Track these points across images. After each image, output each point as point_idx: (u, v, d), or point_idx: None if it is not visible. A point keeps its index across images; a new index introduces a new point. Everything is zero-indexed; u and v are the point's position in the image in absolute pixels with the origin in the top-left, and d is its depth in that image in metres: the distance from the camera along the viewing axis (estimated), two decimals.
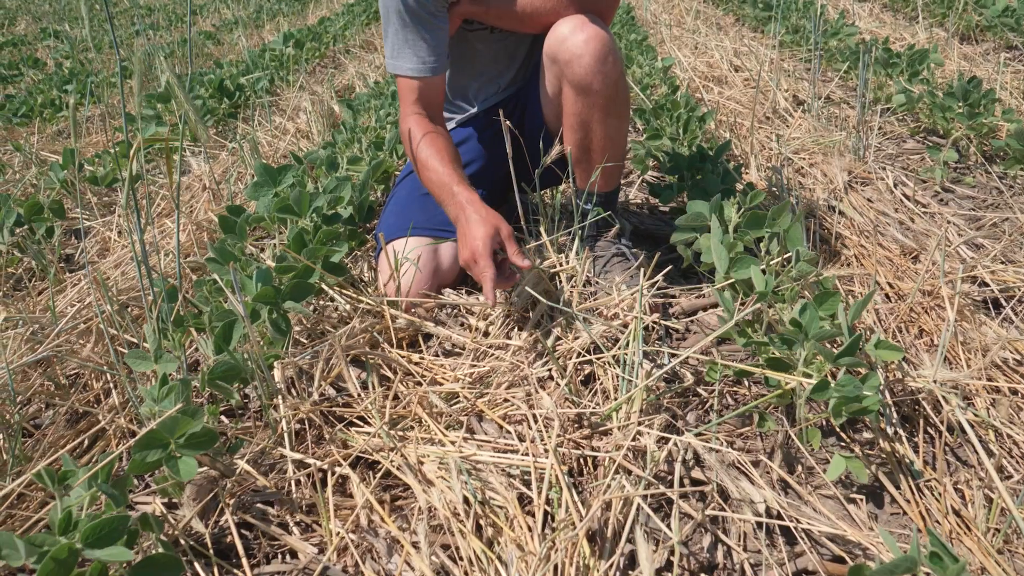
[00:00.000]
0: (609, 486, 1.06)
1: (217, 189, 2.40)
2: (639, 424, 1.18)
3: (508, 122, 1.51)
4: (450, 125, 1.88)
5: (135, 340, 1.53)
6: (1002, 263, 1.75)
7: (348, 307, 1.58)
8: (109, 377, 1.46)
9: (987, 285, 1.68)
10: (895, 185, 2.29)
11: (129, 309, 1.71)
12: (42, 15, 8.94)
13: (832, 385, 1.07)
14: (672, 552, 1.00)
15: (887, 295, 1.69)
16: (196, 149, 2.83)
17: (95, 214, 2.43)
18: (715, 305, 1.68)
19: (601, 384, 1.35)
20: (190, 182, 2.59)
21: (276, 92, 3.93)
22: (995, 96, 2.44)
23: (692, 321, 1.65)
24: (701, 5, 5.76)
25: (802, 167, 2.44)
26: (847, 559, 1.02)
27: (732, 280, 1.40)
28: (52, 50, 6.01)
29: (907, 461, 1.17)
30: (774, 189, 2.16)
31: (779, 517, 1.07)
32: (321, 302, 1.63)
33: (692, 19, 4.89)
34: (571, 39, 1.50)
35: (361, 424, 1.32)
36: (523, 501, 1.11)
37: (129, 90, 3.95)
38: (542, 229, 1.70)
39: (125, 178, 2.55)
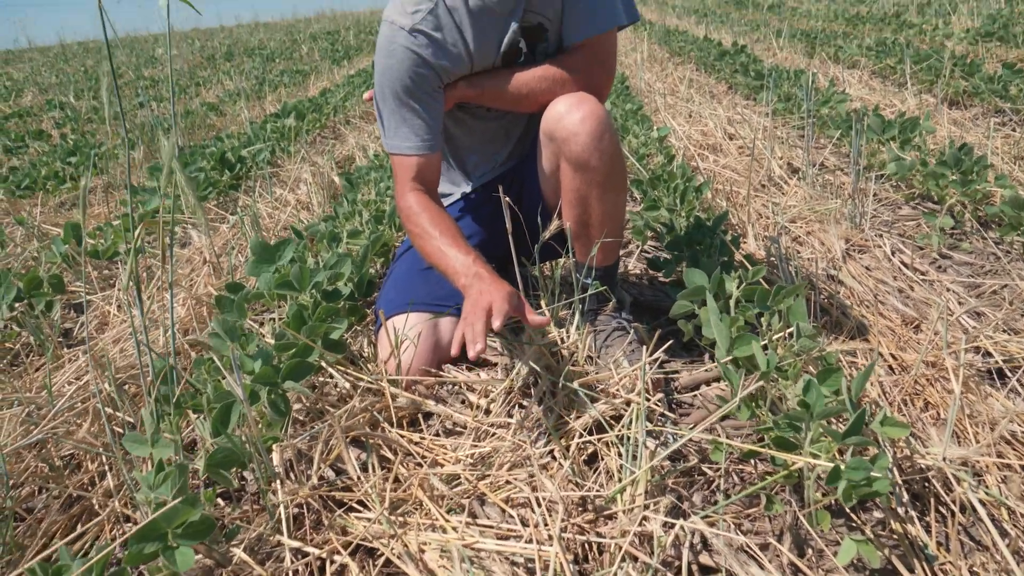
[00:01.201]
0: (616, 575, 1.03)
1: (217, 263, 2.40)
2: (644, 507, 1.16)
3: (507, 198, 1.53)
4: (447, 201, 1.89)
5: (132, 420, 1.52)
6: (1005, 332, 1.75)
7: (348, 385, 1.57)
8: (105, 459, 1.44)
9: (991, 355, 1.66)
10: (893, 252, 2.30)
11: (127, 387, 1.70)
12: (48, 87, 9.11)
13: (842, 470, 1.05)
14: None
15: (891, 367, 1.68)
16: (197, 222, 2.85)
17: (95, 287, 2.43)
18: (718, 379, 1.67)
19: (605, 464, 1.33)
20: (190, 255, 2.60)
21: (277, 163, 3.98)
22: (987, 162, 2.47)
23: (695, 395, 1.64)
24: (694, 74, 5.89)
25: (799, 235, 2.46)
26: None
27: (734, 356, 1.39)
28: (56, 121, 6.11)
29: (920, 543, 1.14)
30: (772, 259, 2.17)
31: None
32: (320, 379, 1.62)
33: (686, 88, 4.99)
34: (567, 117, 1.52)
35: (361, 509, 1.29)
36: None
37: (132, 162, 3.99)
38: (542, 303, 1.70)
39: (125, 252, 2.56)
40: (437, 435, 1.50)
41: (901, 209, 2.70)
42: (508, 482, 1.30)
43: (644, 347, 1.49)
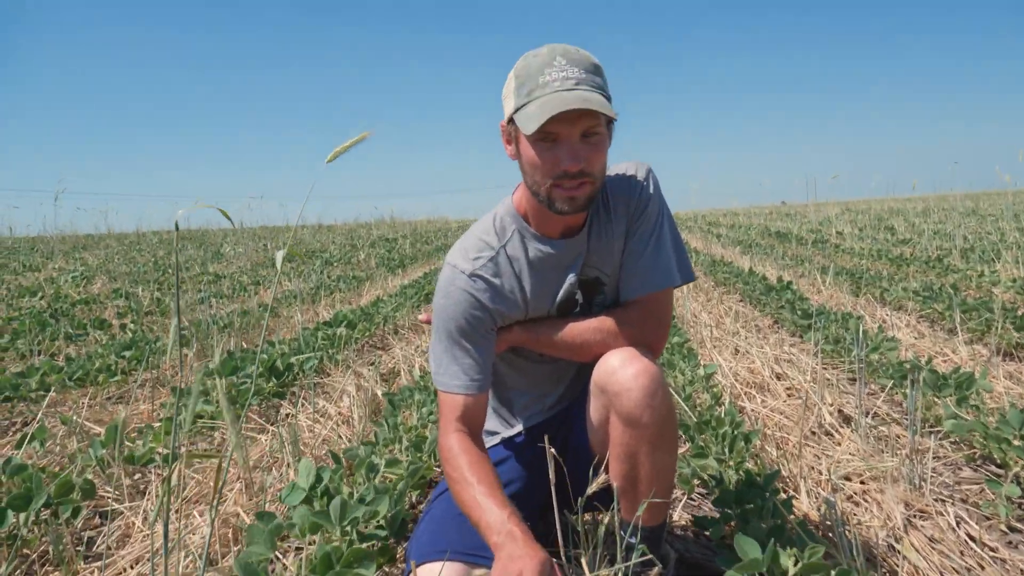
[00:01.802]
0: None
1: (250, 479, 2.36)
2: None
3: (552, 449, 1.48)
4: (492, 441, 1.86)
5: None
6: None
7: None
8: None
9: None
10: (957, 523, 2.16)
11: None
12: (119, 276, 9.58)
13: None
14: None
15: None
16: (235, 449, 2.83)
17: (124, 495, 2.39)
18: None
19: None
20: (225, 467, 2.56)
21: (324, 371, 4.03)
22: None
23: None
24: (740, 306, 5.96)
25: (854, 494, 2.34)
26: None
27: None
28: (119, 311, 6.35)
29: None
30: (827, 522, 2.05)
31: None
32: None
33: (732, 320, 5.03)
34: (620, 372, 1.51)
35: None
36: None
37: (184, 359, 4.08)
38: (583, 561, 1.60)
39: (162, 459, 2.54)
40: None
41: (962, 470, 2.58)
42: None
43: None
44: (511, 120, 1.52)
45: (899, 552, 1.94)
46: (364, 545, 1.60)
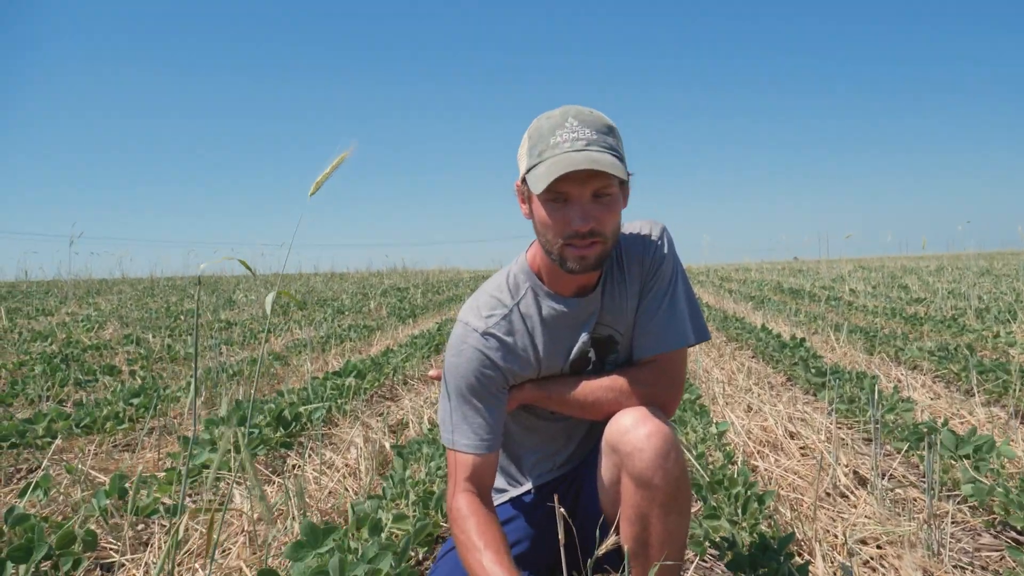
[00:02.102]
0: None
1: (254, 532, 2.32)
2: None
3: (562, 508, 1.45)
4: (501, 499, 1.82)
5: None
6: None
7: None
8: None
9: None
10: None
11: None
12: (131, 321, 9.62)
13: None
14: None
15: None
16: (240, 482, 2.80)
17: (126, 547, 2.36)
18: None
19: None
20: (230, 518, 2.53)
21: (332, 421, 4.00)
22: None
23: None
24: (752, 362, 5.91)
25: (871, 559, 2.27)
26: None
27: None
28: (129, 357, 6.36)
29: None
30: None
31: None
32: None
33: (744, 377, 4.98)
34: (633, 432, 1.49)
35: None
36: None
37: (191, 408, 4.05)
38: None
39: (165, 510, 2.51)
40: None
41: (982, 537, 2.51)
42: None
43: None
44: (524, 180, 1.53)
45: None
46: None
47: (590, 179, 1.44)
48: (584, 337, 1.63)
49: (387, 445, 3.34)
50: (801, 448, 3.43)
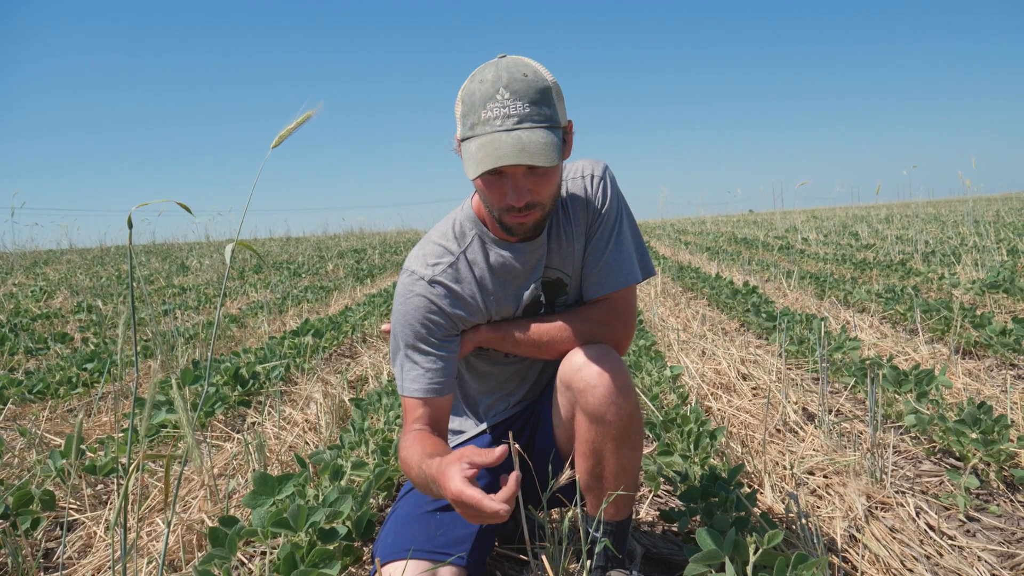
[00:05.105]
0: None
1: (215, 486, 2.33)
2: None
3: (517, 445, 1.48)
4: (457, 439, 1.85)
5: None
6: None
7: None
8: None
9: None
10: (917, 513, 2.19)
11: None
12: (80, 290, 9.41)
13: None
14: None
15: None
16: (201, 439, 2.80)
17: (85, 506, 2.35)
18: None
19: None
20: (189, 474, 2.53)
21: (292, 380, 3.99)
22: (1007, 421, 2.42)
23: None
24: (707, 310, 6.02)
25: (817, 487, 2.37)
26: None
27: None
28: (81, 325, 6.24)
29: None
30: (791, 515, 2.07)
31: None
32: None
33: (699, 324, 5.07)
34: (586, 369, 1.52)
35: None
36: None
37: (145, 371, 4.02)
38: (544, 558, 1.60)
39: (123, 469, 2.50)
40: None
41: (923, 464, 2.62)
42: None
43: None
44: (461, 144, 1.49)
45: (860, 542, 1.97)
46: (329, 546, 1.59)
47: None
48: (533, 285, 1.65)
49: (347, 399, 3.36)
50: (753, 388, 3.53)
